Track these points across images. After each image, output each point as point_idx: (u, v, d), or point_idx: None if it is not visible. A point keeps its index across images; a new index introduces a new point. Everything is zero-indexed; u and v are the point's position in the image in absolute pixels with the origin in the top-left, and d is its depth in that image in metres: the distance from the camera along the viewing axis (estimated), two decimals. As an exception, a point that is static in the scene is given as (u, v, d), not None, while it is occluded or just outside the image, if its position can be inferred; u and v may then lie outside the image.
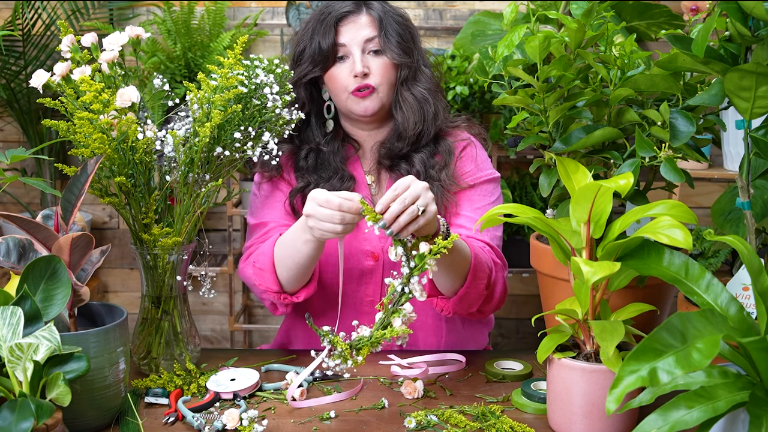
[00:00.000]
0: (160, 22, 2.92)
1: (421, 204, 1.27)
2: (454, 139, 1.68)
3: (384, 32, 1.59)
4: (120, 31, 1.42)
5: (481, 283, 1.47)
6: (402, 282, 1.26)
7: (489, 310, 1.55)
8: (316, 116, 1.67)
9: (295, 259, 1.46)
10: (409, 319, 1.26)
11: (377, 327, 1.25)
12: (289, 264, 1.47)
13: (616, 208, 1.29)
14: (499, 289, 1.54)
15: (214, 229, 3.20)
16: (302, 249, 1.43)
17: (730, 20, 1.13)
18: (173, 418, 1.25)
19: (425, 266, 1.25)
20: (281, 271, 1.49)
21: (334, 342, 1.21)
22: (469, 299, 1.48)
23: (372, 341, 1.23)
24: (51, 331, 1.03)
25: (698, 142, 1.37)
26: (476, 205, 1.62)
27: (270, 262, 1.49)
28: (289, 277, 1.49)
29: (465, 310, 1.51)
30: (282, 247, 1.48)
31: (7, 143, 3.18)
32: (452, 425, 1.23)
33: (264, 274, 1.51)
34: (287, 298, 1.53)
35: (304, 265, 1.46)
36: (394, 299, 1.26)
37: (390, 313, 1.25)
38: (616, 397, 0.88)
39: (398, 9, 1.66)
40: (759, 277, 1.02)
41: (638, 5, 1.56)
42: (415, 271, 1.26)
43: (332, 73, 1.61)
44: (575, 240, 1.18)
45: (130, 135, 1.33)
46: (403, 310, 1.25)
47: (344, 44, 1.59)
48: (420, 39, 1.68)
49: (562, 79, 1.33)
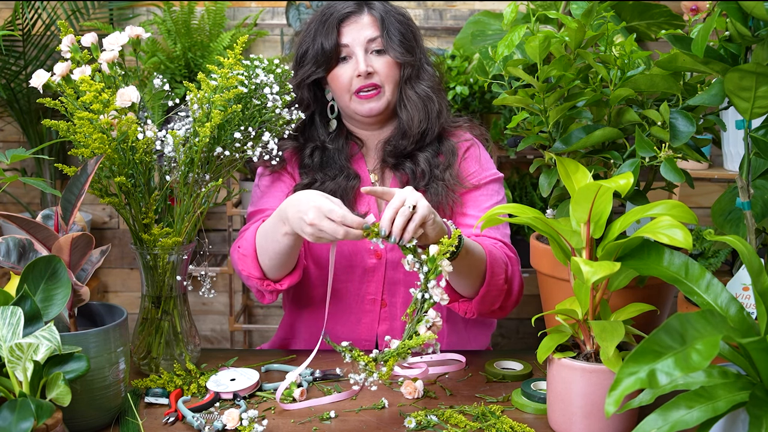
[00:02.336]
0: (160, 22, 2.92)
1: (410, 202, 1.27)
2: (457, 140, 1.68)
3: (386, 32, 1.60)
4: (120, 31, 1.42)
5: (499, 279, 1.48)
6: (421, 289, 1.26)
7: (510, 305, 1.56)
8: (320, 116, 1.67)
9: (276, 249, 1.45)
10: (434, 324, 1.25)
11: (404, 338, 1.25)
12: (269, 252, 1.47)
13: (616, 208, 1.29)
14: (517, 283, 1.55)
15: (214, 229, 3.20)
16: (281, 240, 1.42)
17: (730, 20, 1.12)
18: (173, 418, 1.25)
19: (439, 268, 1.25)
20: (263, 258, 1.49)
21: (356, 357, 1.21)
22: (491, 296, 1.49)
23: (399, 352, 1.22)
24: (51, 331, 1.03)
25: (698, 142, 1.37)
26: (483, 205, 1.63)
27: (252, 249, 1.50)
28: (271, 265, 1.49)
29: (488, 308, 1.52)
30: (262, 236, 1.48)
31: (7, 143, 3.18)
32: (452, 425, 1.23)
33: (246, 260, 1.51)
34: (270, 285, 1.52)
35: (284, 254, 1.45)
36: (418, 308, 1.26)
37: (415, 322, 1.26)
38: (615, 399, 0.88)
39: (399, 8, 1.66)
40: (759, 277, 1.02)
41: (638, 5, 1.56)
42: (430, 274, 1.26)
43: (335, 73, 1.61)
44: (575, 240, 1.18)
45: (130, 135, 1.33)
46: (426, 316, 1.25)
47: (347, 45, 1.60)
48: (422, 37, 1.69)
49: (562, 79, 1.33)
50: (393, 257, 1.63)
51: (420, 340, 1.21)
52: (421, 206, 1.28)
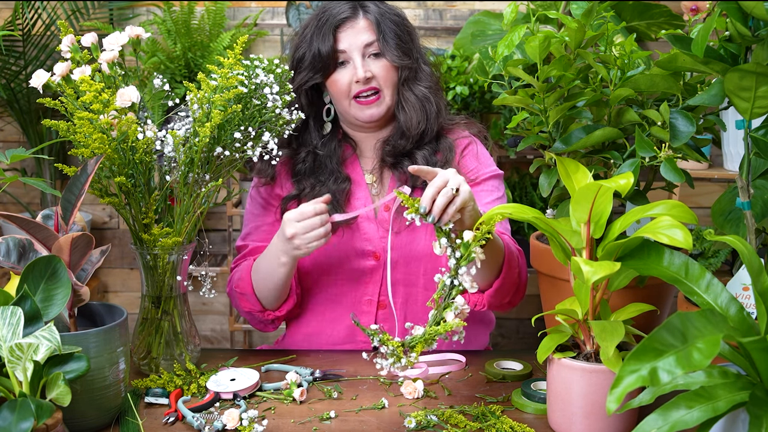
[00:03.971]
0: (160, 22, 2.92)
1: (453, 184, 1.28)
2: (455, 137, 1.68)
3: (382, 35, 1.60)
4: (120, 31, 1.42)
5: (514, 272, 1.49)
6: (451, 275, 1.25)
7: (517, 299, 1.57)
8: (314, 120, 1.68)
9: (273, 281, 1.53)
10: (462, 312, 1.24)
11: (430, 324, 1.24)
12: (268, 286, 1.54)
13: (616, 208, 1.29)
14: (524, 277, 1.56)
15: (214, 229, 3.20)
16: (278, 271, 1.51)
17: (730, 20, 1.12)
18: (173, 418, 1.25)
19: (471, 255, 1.24)
20: (261, 293, 1.57)
21: (384, 341, 1.21)
22: (504, 289, 1.50)
23: (425, 338, 1.22)
24: (51, 331, 1.03)
25: (698, 142, 1.37)
26: (483, 201, 1.63)
27: (249, 287, 1.57)
28: (269, 297, 1.57)
29: (499, 300, 1.52)
30: (258, 273, 1.55)
31: (7, 143, 3.18)
32: (452, 425, 1.23)
33: (246, 298, 1.58)
34: (270, 314, 1.60)
35: (281, 284, 1.54)
36: (445, 294, 1.25)
37: (442, 308, 1.24)
38: (616, 397, 0.88)
39: (394, 8, 1.66)
40: (759, 277, 1.02)
41: (638, 5, 1.56)
42: (462, 261, 1.24)
43: (334, 78, 1.61)
44: (575, 240, 1.18)
45: (130, 135, 1.33)
46: (455, 303, 1.24)
47: (344, 50, 1.60)
48: (418, 36, 1.69)
49: (562, 79, 1.33)
50: (391, 258, 1.62)
51: (448, 326, 1.21)
52: (464, 190, 1.29)
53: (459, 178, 1.31)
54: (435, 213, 1.27)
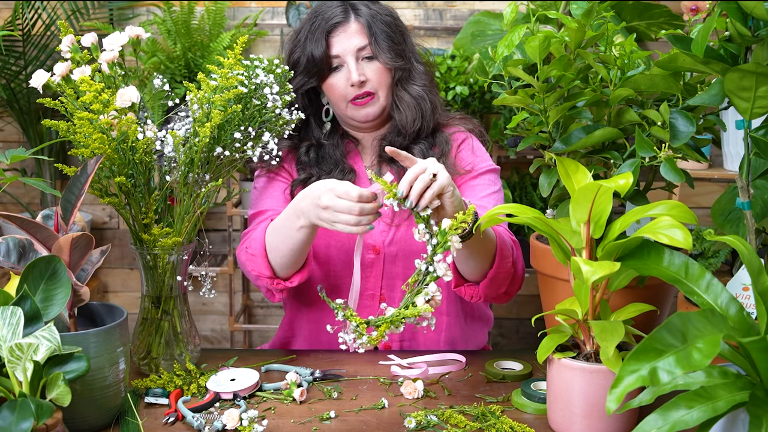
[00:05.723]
0: (160, 22, 2.92)
1: (431, 171, 1.27)
2: (452, 131, 1.70)
3: (374, 38, 1.60)
4: (120, 31, 1.42)
5: (507, 262, 1.49)
6: (426, 261, 1.25)
7: (514, 290, 1.56)
8: (314, 117, 1.69)
9: (288, 245, 1.46)
10: (433, 298, 1.23)
11: (401, 307, 1.23)
12: (282, 249, 1.48)
13: (616, 208, 1.29)
14: (520, 267, 1.55)
15: (214, 229, 3.20)
16: (295, 235, 1.44)
17: (730, 20, 1.12)
18: (173, 418, 1.25)
19: (447, 243, 1.24)
20: (273, 256, 1.50)
21: (348, 316, 1.20)
22: (499, 279, 1.50)
23: (392, 320, 1.21)
24: (51, 331, 1.03)
25: (698, 142, 1.37)
26: (480, 194, 1.63)
27: (262, 248, 1.50)
28: (283, 262, 1.50)
29: (495, 291, 1.52)
30: (274, 233, 1.48)
31: (7, 143, 3.18)
32: (452, 425, 1.23)
33: (256, 260, 1.52)
34: (280, 283, 1.53)
35: (297, 250, 1.47)
36: (419, 279, 1.25)
37: (414, 293, 1.24)
38: (616, 397, 0.88)
39: (386, 7, 1.66)
40: (759, 277, 1.02)
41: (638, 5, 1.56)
42: (438, 248, 1.24)
43: (329, 82, 1.62)
44: (575, 240, 1.18)
45: (130, 135, 1.33)
46: (426, 289, 1.24)
47: (338, 55, 1.61)
48: (410, 35, 1.69)
49: (562, 79, 1.33)
50: (391, 252, 1.63)
51: (416, 311, 1.19)
52: (442, 176, 1.29)
53: (438, 165, 1.30)
54: (412, 197, 1.26)
